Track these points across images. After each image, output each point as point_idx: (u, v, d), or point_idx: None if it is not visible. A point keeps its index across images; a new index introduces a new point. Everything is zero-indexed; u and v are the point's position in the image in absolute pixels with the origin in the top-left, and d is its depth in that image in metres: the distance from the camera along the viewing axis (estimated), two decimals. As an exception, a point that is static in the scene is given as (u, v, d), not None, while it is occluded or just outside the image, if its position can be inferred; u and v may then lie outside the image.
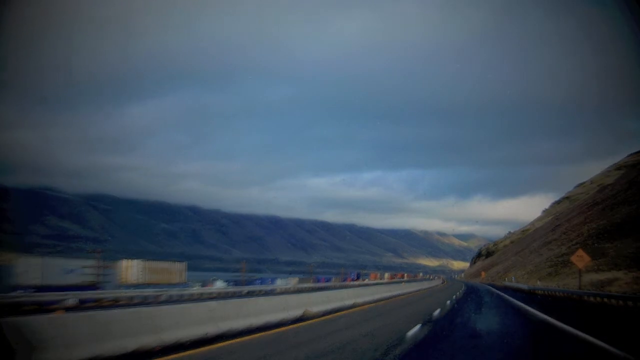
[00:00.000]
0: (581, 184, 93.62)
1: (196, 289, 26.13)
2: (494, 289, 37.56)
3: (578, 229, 47.13)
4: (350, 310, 14.98)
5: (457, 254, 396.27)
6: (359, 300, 17.57)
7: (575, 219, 54.24)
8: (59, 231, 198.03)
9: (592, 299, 20.29)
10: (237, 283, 35.64)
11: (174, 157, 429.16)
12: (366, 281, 54.90)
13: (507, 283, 43.99)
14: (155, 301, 20.08)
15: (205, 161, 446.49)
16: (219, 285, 32.20)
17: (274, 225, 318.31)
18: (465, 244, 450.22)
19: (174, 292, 22.63)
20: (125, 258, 28.10)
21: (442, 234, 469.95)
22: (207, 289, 27.34)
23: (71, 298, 17.89)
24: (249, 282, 37.17)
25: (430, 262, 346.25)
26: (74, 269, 22.78)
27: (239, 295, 23.87)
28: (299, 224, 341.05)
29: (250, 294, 24.68)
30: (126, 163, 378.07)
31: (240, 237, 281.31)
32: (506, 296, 26.04)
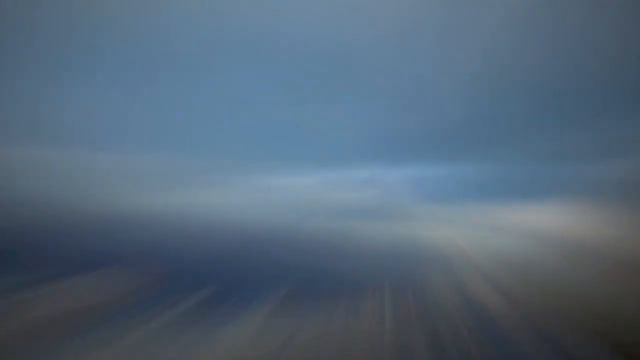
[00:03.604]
0: (634, 181, 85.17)
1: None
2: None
3: (626, 240, 39.80)
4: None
5: (474, 270, 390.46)
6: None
7: (622, 226, 46.93)
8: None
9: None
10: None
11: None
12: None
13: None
14: None
15: (130, 152, 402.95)
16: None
17: (240, 239, 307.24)
18: (484, 258, 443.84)
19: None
20: None
21: (454, 246, 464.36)
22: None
23: None
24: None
25: (438, 279, 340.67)
26: None
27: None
28: (273, 236, 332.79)
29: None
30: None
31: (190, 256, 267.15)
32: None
